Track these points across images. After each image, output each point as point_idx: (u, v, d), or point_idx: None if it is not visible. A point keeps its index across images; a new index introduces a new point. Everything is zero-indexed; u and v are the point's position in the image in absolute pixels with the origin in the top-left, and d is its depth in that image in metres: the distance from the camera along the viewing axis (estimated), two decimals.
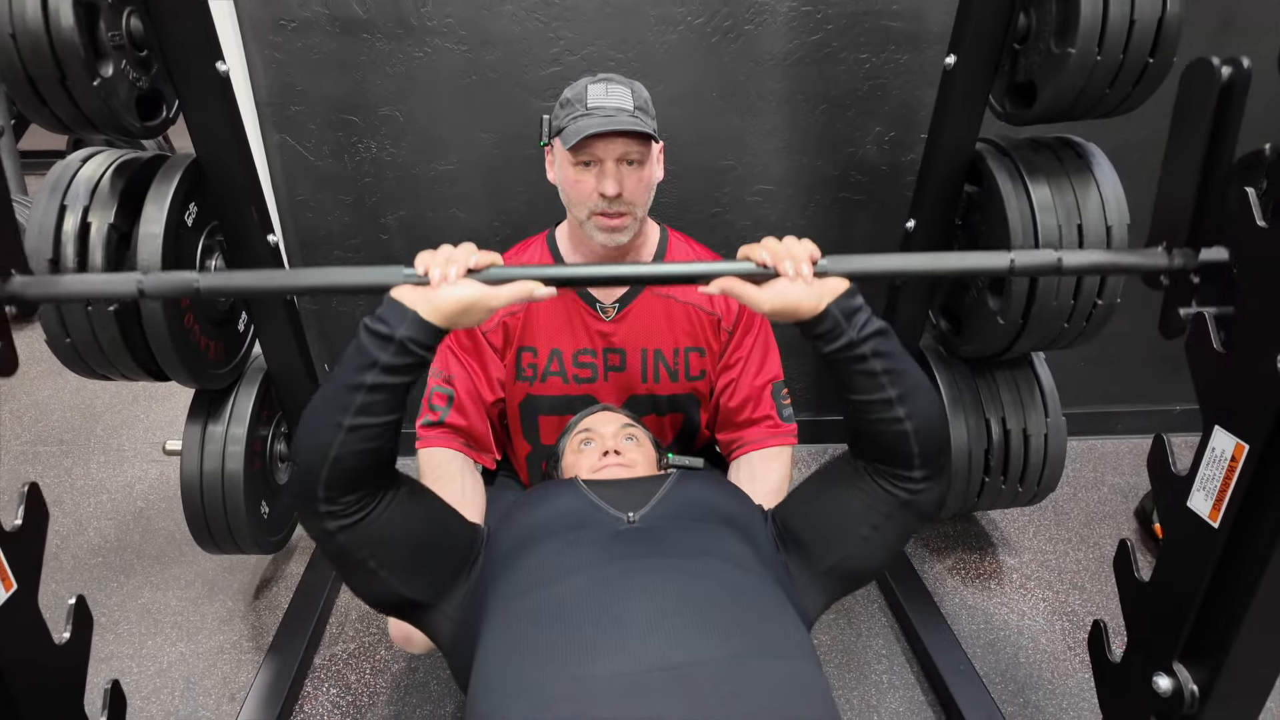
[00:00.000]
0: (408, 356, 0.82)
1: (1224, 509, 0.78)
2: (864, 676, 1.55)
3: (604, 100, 1.20)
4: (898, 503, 0.92)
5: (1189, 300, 0.84)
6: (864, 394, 0.88)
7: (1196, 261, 0.82)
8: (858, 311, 0.87)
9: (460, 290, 0.82)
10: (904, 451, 0.89)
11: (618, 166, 1.20)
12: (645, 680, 0.70)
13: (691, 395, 1.41)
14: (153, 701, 1.49)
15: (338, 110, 1.80)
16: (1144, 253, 0.87)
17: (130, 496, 2.09)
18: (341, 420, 0.80)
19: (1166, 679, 0.86)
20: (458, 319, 0.84)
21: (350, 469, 0.82)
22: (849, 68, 1.82)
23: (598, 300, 1.34)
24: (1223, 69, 0.75)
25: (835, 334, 0.86)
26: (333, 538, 0.85)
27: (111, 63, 1.11)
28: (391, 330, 0.81)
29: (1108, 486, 2.12)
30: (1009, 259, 0.88)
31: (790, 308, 0.86)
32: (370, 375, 0.81)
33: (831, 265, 0.88)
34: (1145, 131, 1.88)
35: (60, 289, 0.83)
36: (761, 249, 0.87)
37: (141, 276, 0.82)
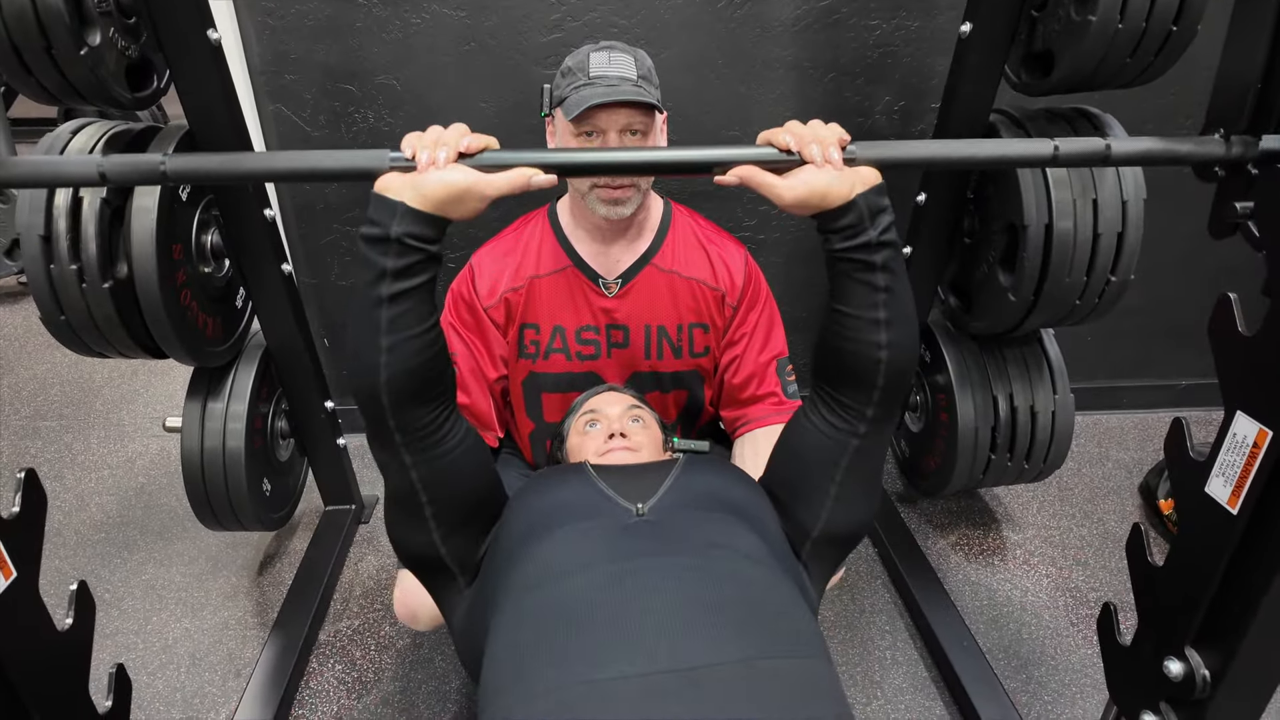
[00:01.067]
0: (412, 254, 0.77)
1: (1244, 496, 0.76)
2: (867, 652, 1.56)
3: (607, 69, 1.16)
4: (849, 449, 0.89)
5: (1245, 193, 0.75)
6: (855, 308, 0.83)
7: (1258, 150, 0.74)
8: (883, 212, 0.81)
9: (450, 175, 0.77)
10: (868, 382, 0.85)
11: (620, 137, 1.17)
12: (658, 683, 0.69)
13: (695, 372, 1.39)
14: (159, 678, 1.50)
15: (333, 79, 1.76)
16: (1198, 140, 0.78)
17: (132, 472, 2.08)
18: (378, 341, 0.77)
19: (1178, 663, 0.85)
20: (449, 207, 0.78)
21: (408, 389, 0.80)
22: (858, 34, 1.77)
23: (601, 276, 1.32)
24: None
25: (856, 230, 0.81)
26: (407, 473, 0.84)
27: (99, 30, 1.07)
28: (385, 230, 0.76)
29: (1112, 462, 2.11)
30: (1053, 145, 0.80)
31: (818, 195, 0.79)
32: (384, 286, 0.76)
33: (861, 152, 0.80)
34: (1163, 101, 1.83)
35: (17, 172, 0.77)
36: (785, 133, 0.81)
37: (102, 160, 0.76)
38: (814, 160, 0.80)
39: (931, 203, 1.51)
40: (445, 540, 0.89)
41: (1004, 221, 1.38)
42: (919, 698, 1.46)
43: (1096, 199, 1.29)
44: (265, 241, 1.41)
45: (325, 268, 1.99)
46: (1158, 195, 1.34)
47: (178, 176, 0.79)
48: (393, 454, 0.84)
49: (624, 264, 1.32)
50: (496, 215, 1.91)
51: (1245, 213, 0.76)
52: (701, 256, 1.35)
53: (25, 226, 1.13)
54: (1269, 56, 0.72)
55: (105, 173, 0.77)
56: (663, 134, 1.27)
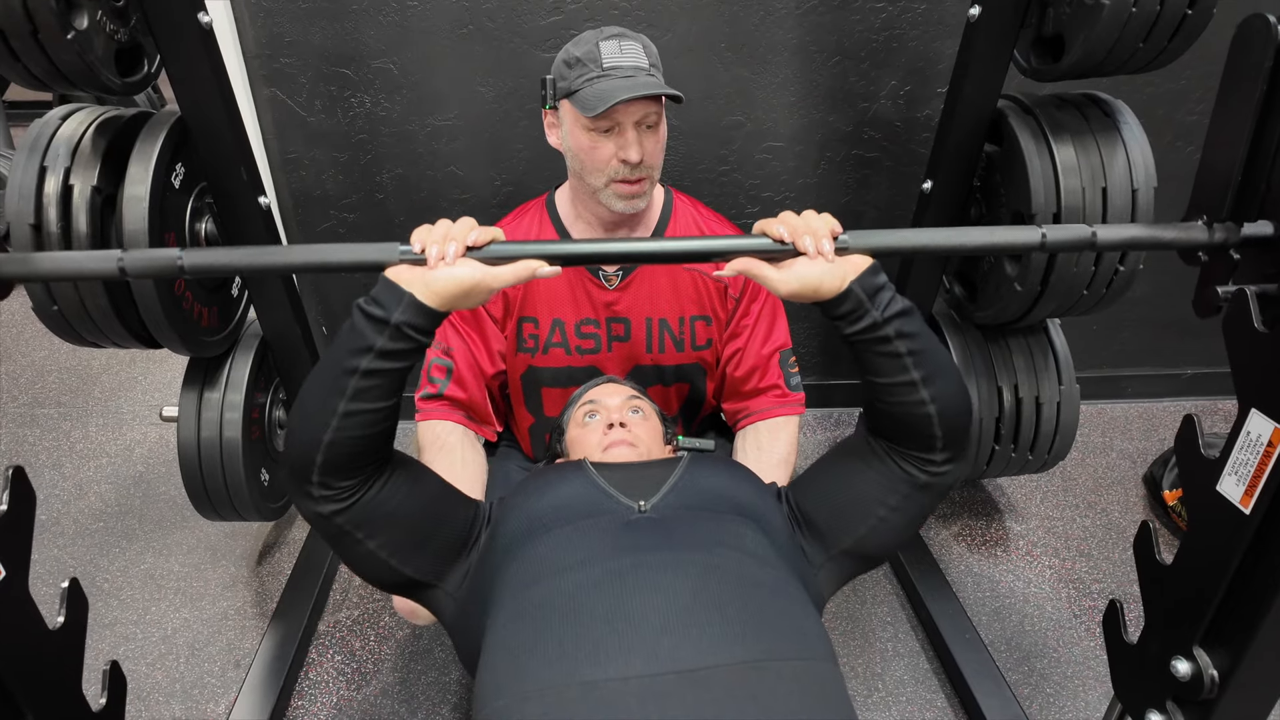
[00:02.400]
0: (404, 342, 0.78)
1: (1257, 495, 0.75)
2: (869, 644, 1.55)
3: (620, 59, 1.12)
4: (917, 484, 0.89)
5: (1227, 278, 0.79)
6: (887, 376, 0.84)
7: (1239, 236, 0.77)
8: (881, 290, 0.83)
9: (459, 271, 0.78)
10: (927, 434, 0.86)
11: (637, 130, 1.14)
12: (658, 684, 0.68)
13: (698, 365, 1.38)
14: (158, 668, 1.49)
15: (329, 63, 1.73)
16: (1182, 226, 0.82)
17: (130, 460, 2.07)
18: (336, 405, 0.77)
19: (1186, 663, 0.84)
20: (457, 302, 0.80)
21: (346, 454, 0.79)
22: (864, 17, 1.73)
23: (600, 268, 1.29)
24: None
25: (858, 314, 0.82)
26: (328, 520, 0.82)
27: (86, 14, 1.04)
28: (387, 314, 0.77)
29: (1116, 452, 2.10)
30: (1040, 234, 0.83)
31: (811, 288, 0.82)
32: (365, 360, 0.77)
33: (854, 241, 0.83)
34: (1175, 86, 1.80)
35: (37, 267, 0.80)
36: (779, 224, 0.83)
37: (122, 254, 0.78)
38: (807, 251, 0.81)
39: (938, 191, 1.48)
40: (404, 562, 0.88)
41: (1011, 210, 1.36)
42: (920, 689, 1.46)
43: (1106, 187, 1.26)
44: (260, 229, 1.39)
45: None
46: (1169, 183, 1.32)
47: (195, 271, 0.81)
48: (311, 505, 0.82)
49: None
50: (496, 203, 1.89)
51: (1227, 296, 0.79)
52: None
53: (15, 215, 1.11)
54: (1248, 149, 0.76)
55: (125, 268, 0.79)
56: None
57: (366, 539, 0.84)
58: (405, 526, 0.86)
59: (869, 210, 1.96)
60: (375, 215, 1.91)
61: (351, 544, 0.85)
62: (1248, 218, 0.77)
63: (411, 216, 1.92)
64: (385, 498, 0.84)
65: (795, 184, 1.92)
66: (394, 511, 0.84)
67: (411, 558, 0.88)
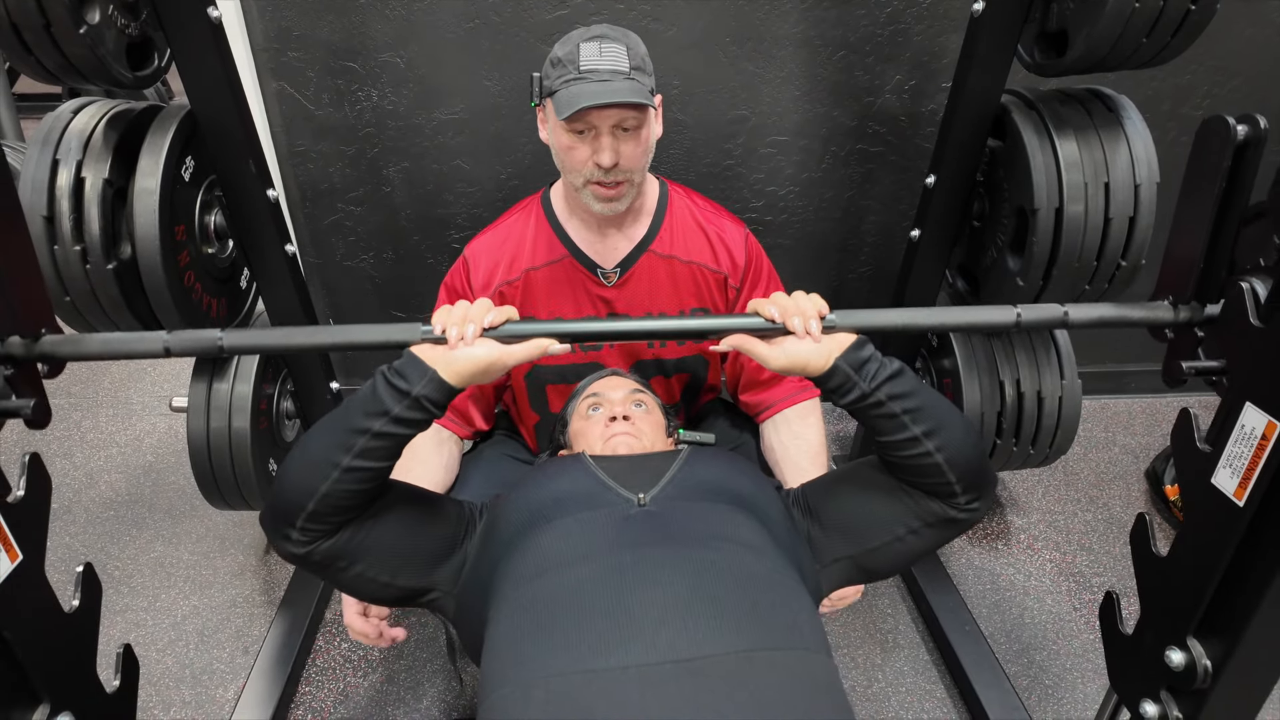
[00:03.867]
0: (419, 413, 0.83)
1: (1251, 488, 0.76)
2: (869, 635, 1.56)
3: (598, 62, 1.12)
4: (945, 517, 0.91)
5: (1193, 353, 0.87)
6: (889, 435, 0.87)
7: (1202, 315, 0.85)
8: (866, 363, 0.86)
9: (478, 352, 0.84)
10: (942, 480, 0.88)
11: (613, 135, 1.14)
12: (656, 673, 0.70)
13: (699, 357, 1.38)
14: (168, 654, 1.52)
15: (337, 56, 1.74)
16: (1149, 306, 0.89)
17: (140, 450, 2.10)
18: (339, 460, 0.81)
19: (1180, 653, 0.85)
20: (475, 379, 0.85)
21: (335, 506, 0.83)
22: (869, 11, 1.74)
23: (599, 266, 1.30)
24: (1239, 128, 0.77)
25: (847, 388, 0.86)
26: (306, 559, 0.86)
27: (97, 8, 1.05)
28: (409, 386, 0.82)
29: (1119, 447, 2.10)
30: (1015, 314, 0.90)
31: (799, 365, 0.86)
32: (379, 423, 0.82)
33: (840, 320, 0.89)
34: (1179, 80, 1.80)
35: (89, 348, 0.86)
36: (771, 304, 0.88)
37: (167, 335, 0.86)
38: (796, 331, 0.86)
39: (940, 185, 1.48)
40: (395, 577, 0.90)
41: (1014, 205, 1.36)
42: (920, 680, 1.47)
43: (1109, 182, 1.27)
44: (269, 222, 1.40)
45: (330, 248, 1.99)
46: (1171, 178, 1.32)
47: (234, 350, 0.89)
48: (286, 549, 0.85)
49: (621, 252, 1.30)
50: (500, 196, 1.90)
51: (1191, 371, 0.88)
52: (700, 238, 1.33)
53: (28, 207, 1.13)
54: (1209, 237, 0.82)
55: (170, 348, 0.86)
56: (658, 121, 1.24)
57: (350, 566, 0.87)
58: (386, 548, 0.89)
59: (873, 204, 1.97)
60: (382, 208, 1.93)
61: (336, 573, 0.88)
62: (1210, 299, 0.84)
63: (418, 209, 1.94)
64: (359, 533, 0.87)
65: (799, 179, 1.93)
66: (371, 541, 0.87)
67: (400, 571, 0.90)
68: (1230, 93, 1.86)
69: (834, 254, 2.02)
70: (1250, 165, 0.78)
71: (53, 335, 0.82)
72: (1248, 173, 0.78)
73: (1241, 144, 0.77)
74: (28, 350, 0.80)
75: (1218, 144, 0.78)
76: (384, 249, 2.00)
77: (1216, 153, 0.79)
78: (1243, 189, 0.79)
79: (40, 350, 0.81)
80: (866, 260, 2.05)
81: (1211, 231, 0.82)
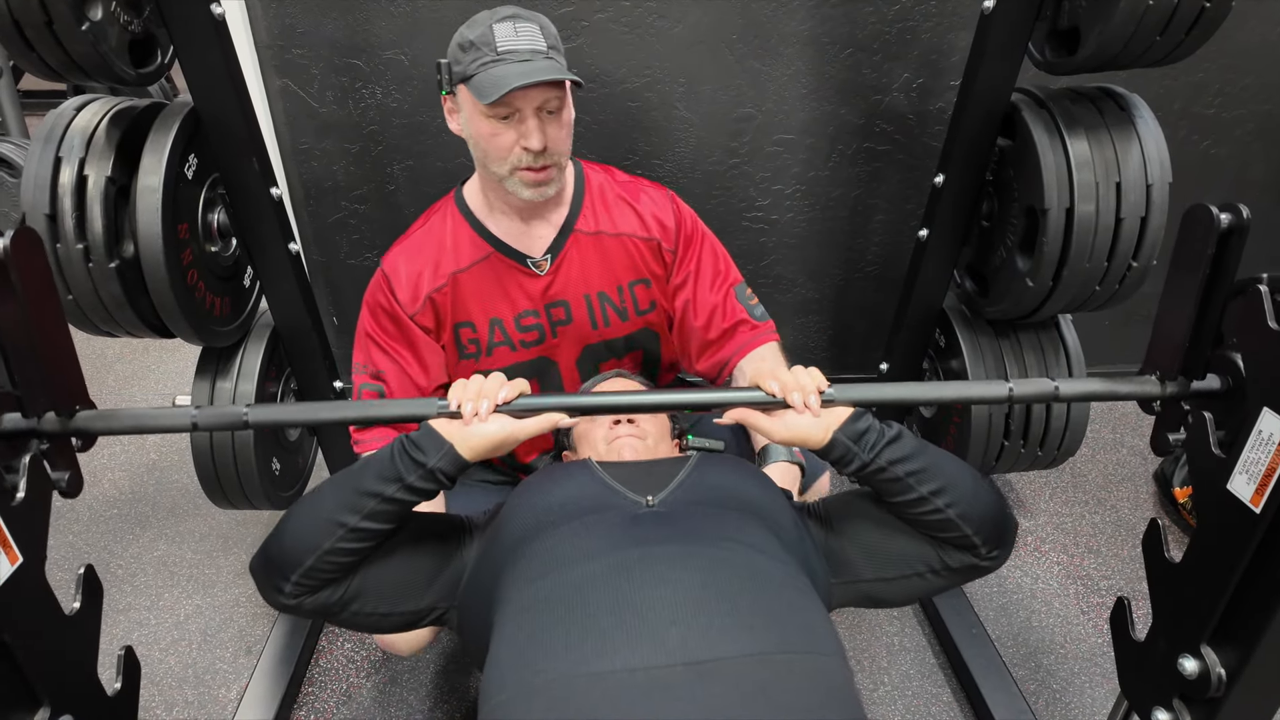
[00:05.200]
0: (431, 483, 0.85)
1: (1268, 495, 0.74)
2: (875, 638, 1.55)
3: (515, 42, 1.08)
4: (968, 564, 0.91)
5: (1179, 426, 0.91)
6: (897, 497, 0.88)
7: (1189, 390, 0.88)
8: (865, 434, 0.88)
9: (491, 429, 0.85)
10: (959, 534, 0.89)
11: (538, 117, 1.10)
12: (665, 676, 0.68)
13: (646, 329, 1.35)
14: (171, 654, 1.51)
15: (341, 54, 1.73)
16: (1138, 380, 0.92)
17: (144, 448, 2.10)
18: (346, 520, 0.82)
19: (1193, 661, 0.84)
20: (488, 454, 0.87)
21: (333, 563, 0.84)
22: (877, 8, 1.72)
23: (528, 256, 1.26)
24: (1222, 216, 0.80)
25: (848, 459, 0.88)
26: (295, 609, 0.86)
27: (100, 5, 1.05)
28: (426, 458, 0.84)
29: (1127, 448, 2.09)
30: (1008, 389, 0.92)
31: (800, 438, 0.88)
32: (391, 489, 0.84)
33: (839, 394, 0.91)
34: (1192, 79, 1.78)
35: (120, 423, 0.90)
36: (771, 379, 0.90)
37: (195, 411, 0.89)
38: (795, 407, 0.88)
39: (949, 185, 1.47)
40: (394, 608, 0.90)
41: (1024, 205, 1.35)
42: (926, 684, 1.46)
43: (1120, 182, 1.25)
44: (272, 220, 1.39)
45: (334, 246, 1.98)
46: (1183, 176, 1.31)
47: (259, 425, 0.92)
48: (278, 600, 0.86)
49: (547, 238, 1.27)
50: None
51: (1177, 443, 0.91)
52: (625, 209, 1.30)
53: (30, 205, 1.12)
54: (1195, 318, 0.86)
55: (198, 423, 0.89)
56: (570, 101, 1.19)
57: (345, 608, 0.88)
58: (381, 583, 0.89)
59: (880, 204, 1.95)
60: (386, 206, 1.92)
61: (332, 616, 0.88)
62: (1196, 375, 0.88)
63: (422, 207, 1.90)
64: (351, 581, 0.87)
65: (806, 177, 1.91)
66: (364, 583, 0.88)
67: (399, 601, 0.91)
68: (1242, 91, 1.84)
69: (841, 253, 2.01)
70: (1234, 251, 0.81)
71: (86, 411, 0.87)
72: (1231, 259, 0.81)
73: (1225, 231, 0.80)
74: (63, 426, 0.83)
75: (1202, 231, 0.82)
76: (388, 247, 1.99)
77: (1201, 240, 0.82)
78: (1227, 273, 0.82)
79: (74, 426, 0.85)
80: (873, 260, 2.03)
81: (1197, 313, 0.85)
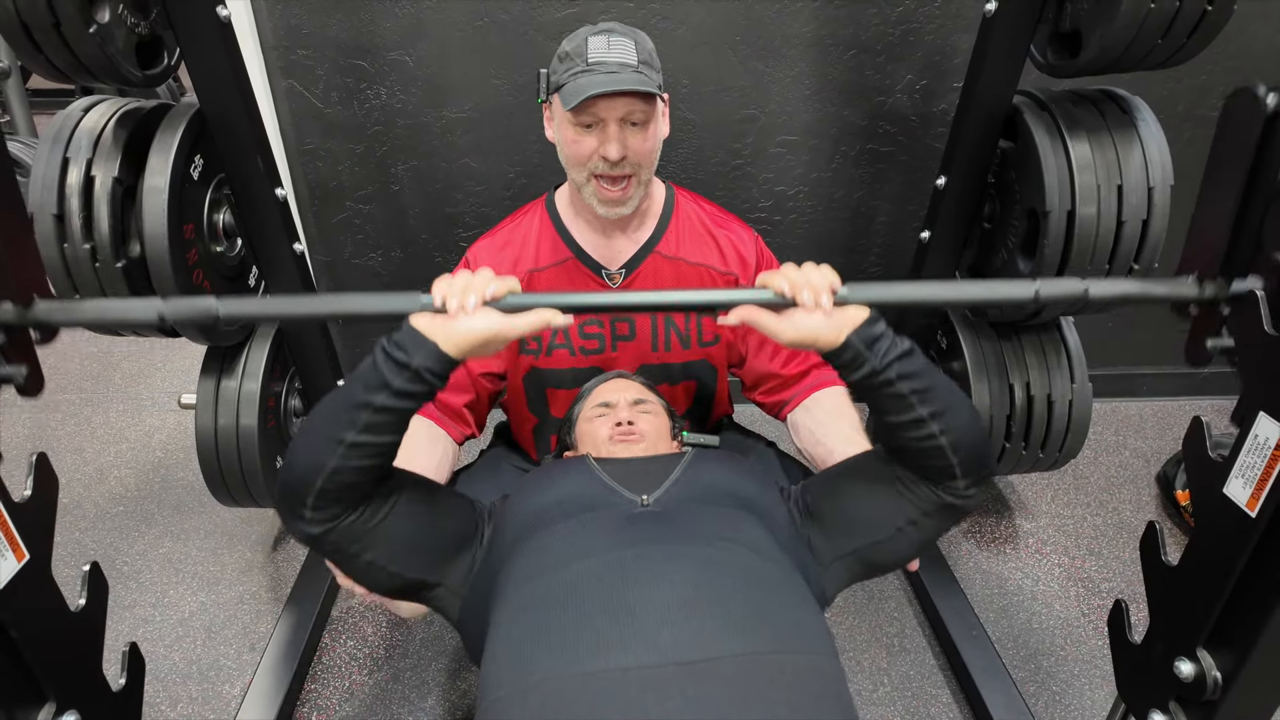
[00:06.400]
0: (420, 384, 0.81)
1: (1264, 499, 0.74)
2: (875, 639, 1.56)
3: (606, 54, 1.12)
4: (941, 504, 0.90)
5: (1216, 331, 0.83)
6: (895, 415, 0.86)
7: (1228, 292, 0.81)
8: (879, 339, 0.84)
9: (477, 323, 0.81)
10: (943, 464, 0.87)
11: (621, 127, 1.13)
12: (658, 676, 0.69)
13: (705, 362, 1.37)
14: (175, 650, 1.53)
15: (346, 55, 1.74)
16: (1174, 282, 0.86)
17: (149, 446, 2.11)
18: (344, 436, 0.80)
19: (1189, 664, 0.84)
20: (475, 351, 0.83)
21: (344, 484, 0.82)
22: (880, 10, 1.72)
23: (604, 267, 1.29)
24: (1268, 98, 0.73)
25: (857, 364, 0.84)
26: (320, 540, 0.85)
27: (107, 7, 1.06)
28: (408, 358, 0.80)
29: (1130, 450, 2.09)
30: (1034, 289, 0.87)
31: (809, 339, 0.84)
32: (380, 397, 0.80)
33: (851, 294, 0.85)
34: (1196, 81, 1.78)
35: (82, 314, 0.84)
36: (780, 277, 0.85)
37: (162, 304, 0.83)
38: (805, 305, 0.83)
39: (951, 187, 1.47)
40: (405, 569, 0.89)
41: (1025, 207, 1.35)
42: (926, 685, 1.46)
43: (1122, 185, 1.25)
44: (277, 221, 1.41)
45: (339, 246, 1.99)
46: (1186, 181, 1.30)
47: (230, 320, 0.86)
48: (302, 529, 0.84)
49: (627, 253, 1.29)
50: (509, 195, 1.90)
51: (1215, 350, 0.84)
52: (708, 241, 1.32)
53: (38, 205, 1.14)
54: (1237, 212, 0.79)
55: (164, 316, 0.83)
56: (665, 119, 1.22)
57: (362, 553, 0.86)
58: (399, 536, 0.88)
59: (882, 205, 1.96)
60: (390, 206, 1.93)
61: (347, 559, 0.87)
62: (1236, 275, 0.81)
63: (426, 208, 1.94)
64: (375, 516, 0.86)
65: (809, 179, 1.91)
66: (386, 525, 0.87)
67: (410, 563, 0.90)
68: None
69: (843, 255, 2.01)
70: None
71: (46, 302, 0.81)
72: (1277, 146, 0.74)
73: (1272, 115, 0.73)
74: (20, 317, 0.78)
75: (1246, 116, 0.75)
76: (392, 247, 2.00)
77: (1245, 125, 0.75)
78: (1273, 162, 0.75)
79: (33, 317, 0.79)
80: (876, 261, 2.04)
81: (1238, 206, 0.78)
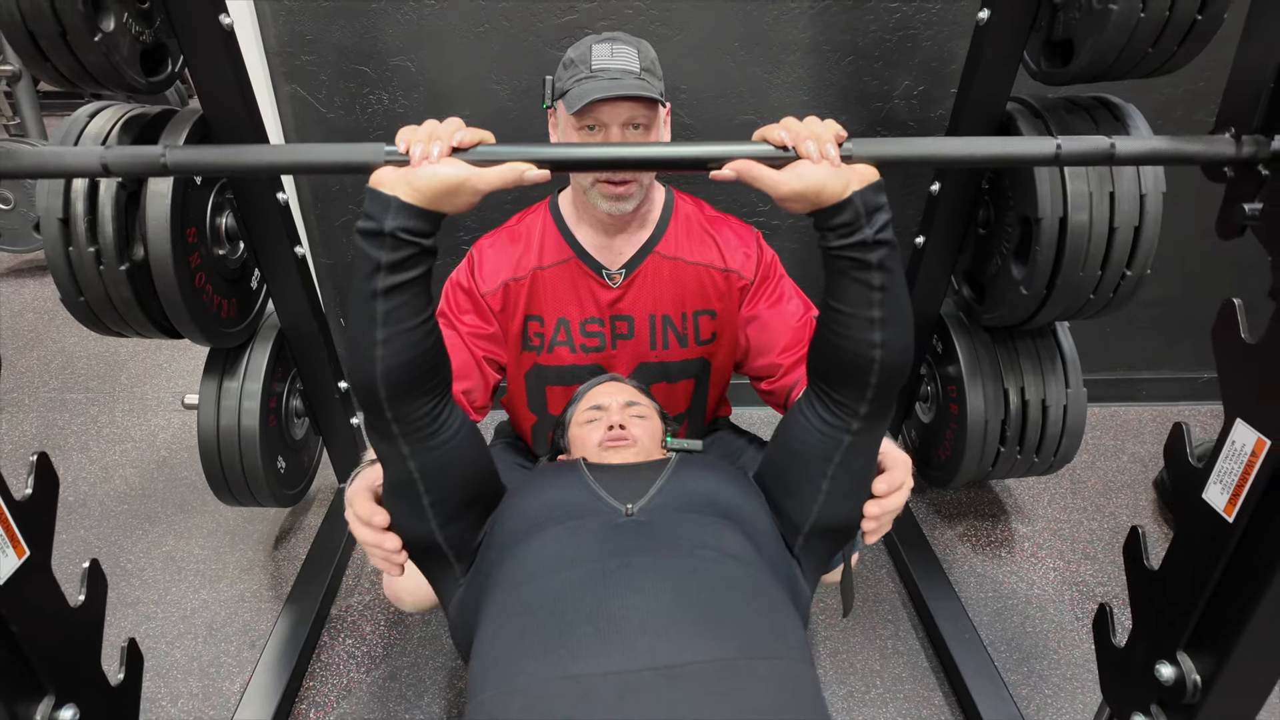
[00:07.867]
0: (406, 248, 0.77)
1: (1240, 504, 0.76)
2: (868, 641, 1.57)
3: (609, 62, 1.16)
4: (842, 445, 0.88)
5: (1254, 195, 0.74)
6: (850, 305, 0.82)
7: (1269, 150, 0.71)
8: (879, 210, 0.79)
9: (442, 170, 0.76)
10: (862, 380, 0.84)
11: (623, 132, 1.17)
12: (635, 680, 0.70)
13: (702, 360, 1.39)
14: (177, 647, 1.55)
15: (349, 60, 1.76)
16: (1208, 139, 0.75)
17: (154, 445, 2.14)
18: (374, 335, 0.78)
19: (1170, 667, 0.85)
20: (441, 201, 0.77)
21: (404, 380, 0.80)
22: (878, 16, 1.73)
23: (604, 267, 1.31)
24: None
25: (852, 228, 0.79)
26: (405, 463, 0.84)
27: (113, 16, 1.08)
28: (380, 224, 0.76)
29: (1127, 455, 2.09)
30: (1055, 144, 0.78)
31: (813, 190, 0.77)
32: (379, 280, 0.77)
33: (858, 149, 0.79)
34: (1193, 87, 1.78)
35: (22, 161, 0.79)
36: (780, 129, 0.80)
37: (104, 150, 0.79)
38: (810, 157, 0.78)
39: (946, 193, 1.49)
40: (443, 528, 0.90)
41: (1018, 213, 1.36)
42: (918, 688, 1.47)
43: (1114, 192, 1.26)
44: (278, 225, 1.43)
45: (341, 249, 2.01)
46: (1181, 185, 1.31)
47: (177, 169, 0.80)
48: (390, 444, 0.85)
49: (626, 254, 1.32)
50: (510, 199, 1.91)
51: (1254, 214, 0.75)
52: (708, 242, 1.34)
53: (44, 209, 1.16)
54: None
55: (108, 164, 0.79)
56: (666, 127, 1.25)
57: (427, 492, 0.87)
58: (462, 483, 0.89)
59: None
60: None
61: (413, 497, 0.87)
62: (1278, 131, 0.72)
63: None
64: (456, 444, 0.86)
65: None
66: (458, 462, 0.87)
67: (451, 522, 0.90)
68: None
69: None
70: None
71: None
72: None
73: None
74: None
75: None
76: None
77: None
78: None
79: None
80: None
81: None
